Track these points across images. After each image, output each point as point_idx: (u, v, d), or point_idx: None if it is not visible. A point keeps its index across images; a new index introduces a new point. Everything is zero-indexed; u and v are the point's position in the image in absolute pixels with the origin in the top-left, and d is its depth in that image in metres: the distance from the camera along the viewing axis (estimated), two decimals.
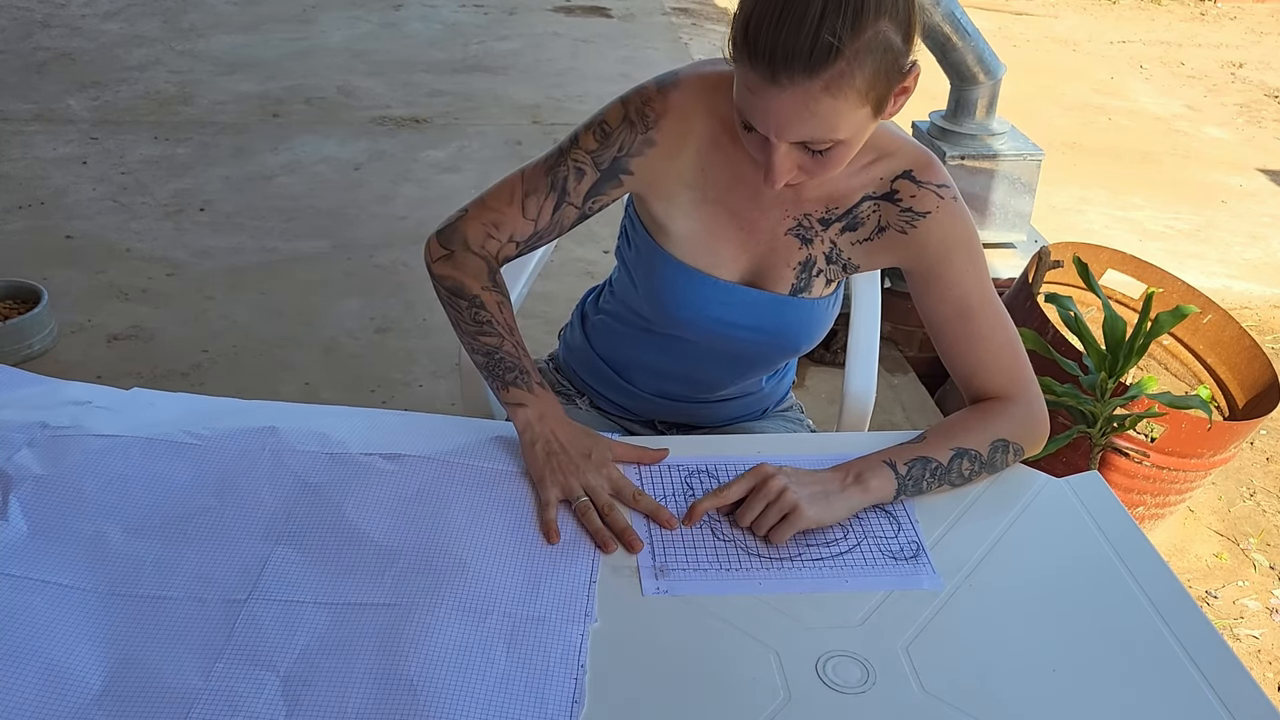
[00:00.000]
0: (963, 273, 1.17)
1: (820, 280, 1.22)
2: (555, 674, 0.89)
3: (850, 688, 0.90)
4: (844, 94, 0.97)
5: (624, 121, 1.16)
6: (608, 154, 1.17)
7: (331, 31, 5.38)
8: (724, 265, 1.21)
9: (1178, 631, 0.97)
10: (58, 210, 3.46)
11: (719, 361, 1.31)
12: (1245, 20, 6.96)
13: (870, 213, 1.18)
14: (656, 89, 1.16)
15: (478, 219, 1.21)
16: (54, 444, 1.12)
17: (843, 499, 1.08)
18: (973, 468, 1.13)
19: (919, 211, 1.16)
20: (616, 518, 1.06)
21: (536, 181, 1.19)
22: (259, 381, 2.65)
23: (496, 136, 4.18)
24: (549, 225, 1.21)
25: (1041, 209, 3.25)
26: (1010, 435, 1.15)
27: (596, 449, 1.12)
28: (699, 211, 1.19)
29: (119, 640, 0.90)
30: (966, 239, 1.17)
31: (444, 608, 0.94)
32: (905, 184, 1.16)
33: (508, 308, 1.20)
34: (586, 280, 2.99)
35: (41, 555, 0.99)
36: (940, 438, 1.14)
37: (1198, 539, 2.46)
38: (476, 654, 0.90)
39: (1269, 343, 3.19)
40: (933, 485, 1.12)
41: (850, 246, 1.20)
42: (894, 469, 1.11)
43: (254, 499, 1.07)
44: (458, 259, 1.20)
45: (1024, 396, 1.18)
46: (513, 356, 1.16)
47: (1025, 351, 1.21)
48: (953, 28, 2.65)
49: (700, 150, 1.17)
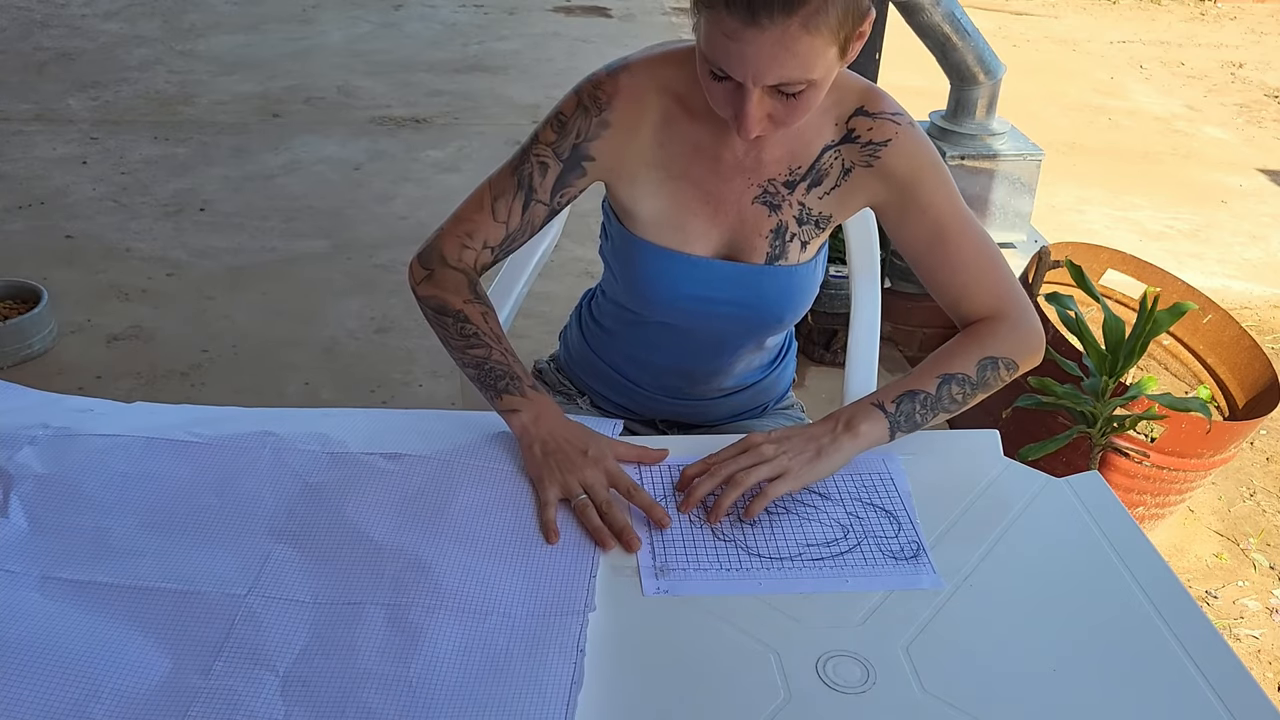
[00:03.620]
0: (934, 194, 1.18)
1: (795, 245, 1.23)
2: (552, 660, 0.89)
3: (850, 688, 0.90)
4: (819, 31, 0.99)
5: (578, 108, 1.19)
6: (567, 143, 1.19)
7: (331, 31, 5.38)
8: (695, 241, 1.22)
9: (1178, 631, 0.97)
10: (58, 210, 3.46)
11: (707, 342, 1.32)
12: (1245, 20, 6.96)
13: (833, 161, 1.19)
14: (606, 73, 1.19)
15: (452, 233, 1.23)
16: (55, 443, 1.12)
17: (835, 449, 1.10)
18: (963, 390, 1.15)
19: (879, 141, 1.17)
20: (615, 515, 1.06)
21: (504, 184, 1.22)
22: (259, 381, 2.65)
23: (496, 136, 4.18)
24: (520, 226, 1.22)
25: (1041, 209, 3.25)
26: (998, 352, 1.17)
27: (594, 445, 1.12)
28: (664, 190, 1.21)
29: (118, 635, 0.90)
30: (932, 160, 1.19)
31: (443, 607, 0.94)
32: (859, 120, 1.18)
33: (492, 317, 1.21)
34: (586, 280, 2.99)
35: (41, 552, 0.99)
36: (926, 369, 1.16)
37: (1198, 539, 2.46)
38: (476, 653, 0.90)
39: (1269, 343, 3.19)
40: (927, 417, 1.14)
41: (819, 201, 1.21)
42: (883, 409, 1.12)
43: (254, 497, 1.07)
44: (437, 277, 1.22)
45: (1014, 312, 1.20)
46: (502, 364, 1.16)
47: (1009, 267, 1.22)
48: (953, 28, 2.65)
49: (656, 126, 1.19)
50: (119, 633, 0.91)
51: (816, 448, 1.10)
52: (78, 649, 0.89)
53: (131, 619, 0.92)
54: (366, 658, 0.89)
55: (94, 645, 0.89)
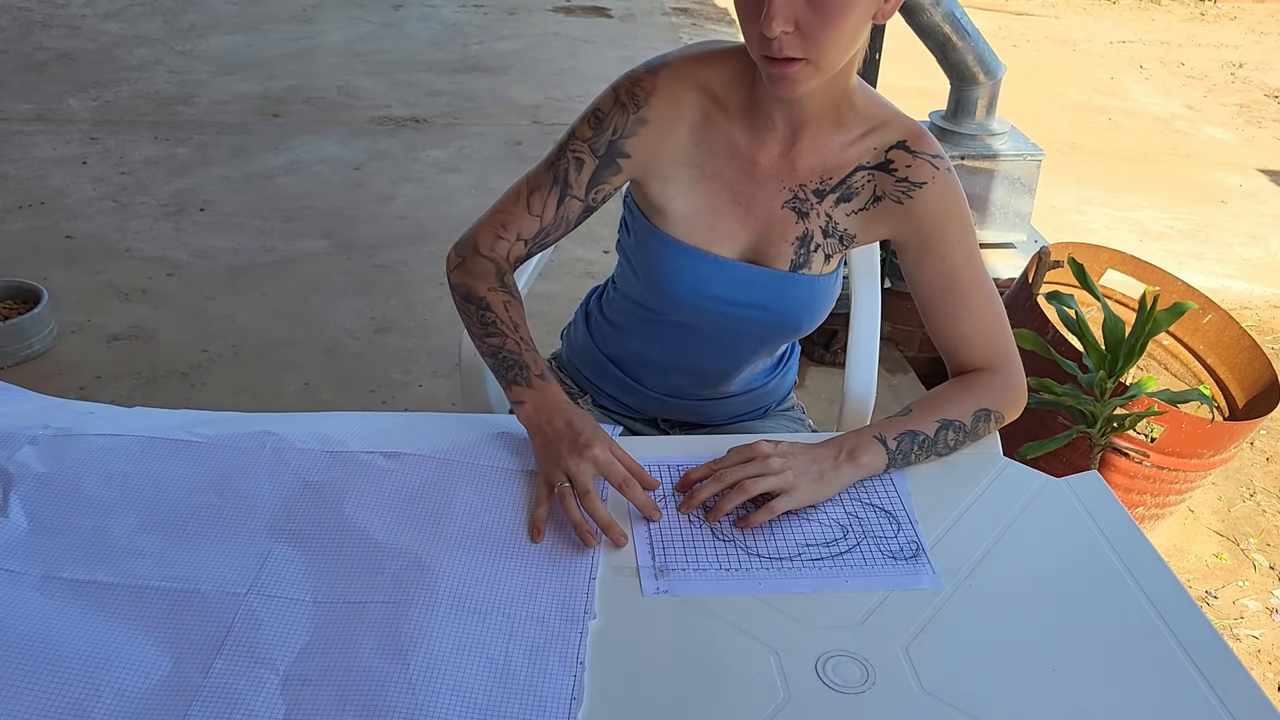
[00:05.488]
0: (956, 245, 1.19)
1: (819, 256, 1.23)
2: (553, 671, 0.89)
3: (850, 688, 0.90)
4: None
5: (616, 105, 1.19)
6: (603, 139, 1.19)
7: (331, 31, 5.39)
8: (723, 242, 1.22)
9: (1178, 631, 0.97)
10: (58, 210, 3.46)
11: (721, 345, 1.31)
12: (1245, 20, 6.96)
13: (865, 183, 1.19)
14: (645, 70, 1.19)
15: (488, 224, 1.24)
16: (55, 443, 1.12)
17: (836, 474, 1.11)
18: (957, 438, 1.17)
19: (915, 182, 1.17)
20: (594, 507, 1.03)
21: (540, 179, 1.22)
22: (259, 381, 2.65)
23: (496, 136, 4.18)
24: (554, 220, 1.23)
25: (1041, 209, 3.25)
26: (992, 405, 1.19)
27: (586, 431, 1.09)
28: (697, 189, 1.21)
29: (119, 634, 0.90)
30: (961, 212, 1.20)
31: (443, 606, 0.94)
32: (900, 154, 1.18)
33: (514, 306, 1.21)
34: (586, 280, 2.99)
35: (41, 551, 0.99)
36: (926, 411, 1.17)
37: (1198, 539, 2.46)
38: (475, 653, 0.90)
39: (1269, 343, 3.19)
40: (920, 457, 1.16)
41: (845, 218, 1.21)
42: (885, 444, 1.13)
43: (254, 496, 1.06)
44: (468, 265, 1.23)
45: (1007, 367, 1.22)
46: (514, 354, 1.16)
47: (1008, 321, 1.24)
48: (953, 28, 2.65)
49: (693, 125, 1.19)
50: (119, 631, 0.91)
51: (819, 470, 1.10)
52: (78, 648, 0.89)
53: (131, 618, 0.92)
54: (366, 656, 0.89)
55: (94, 644, 0.89)
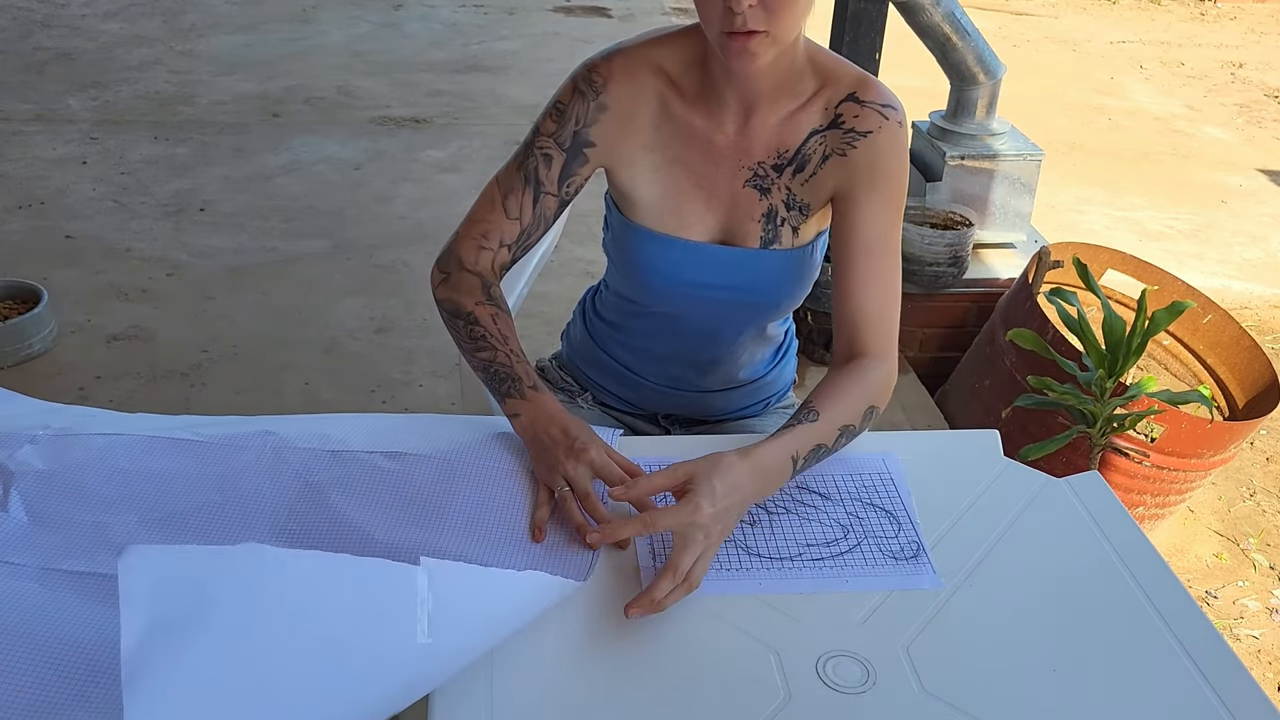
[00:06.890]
0: (885, 206, 1.18)
1: (786, 229, 1.23)
2: None
3: (850, 688, 0.90)
4: None
5: (575, 94, 1.20)
6: (567, 130, 1.20)
7: (331, 31, 5.38)
8: (692, 226, 1.24)
9: (1178, 631, 0.97)
10: (58, 210, 3.46)
11: (706, 329, 1.32)
12: (1245, 20, 6.96)
13: (816, 146, 1.20)
14: (601, 58, 1.21)
15: (467, 236, 1.23)
16: (56, 441, 1.12)
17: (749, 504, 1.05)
18: (845, 439, 1.15)
19: (860, 131, 1.17)
20: (594, 508, 1.04)
21: (511, 181, 1.23)
22: (259, 381, 2.65)
23: (496, 136, 4.18)
24: (534, 220, 1.23)
25: (1041, 209, 3.25)
26: (876, 400, 1.17)
27: (581, 436, 1.09)
28: (660, 175, 1.22)
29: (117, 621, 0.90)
30: (899, 168, 1.19)
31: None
32: (849, 106, 1.18)
33: (503, 318, 1.20)
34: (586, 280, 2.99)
35: (41, 545, 0.99)
36: (831, 416, 1.12)
37: (1198, 539, 2.46)
38: None
39: (1269, 343, 3.19)
40: (812, 464, 1.12)
41: (801, 187, 1.22)
42: (794, 464, 1.08)
43: (255, 495, 1.06)
44: (454, 280, 1.22)
45: (889, 358, 1.20)
46: (505, 366, 1.16)
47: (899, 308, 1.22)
48: (953, 28, 2.65)
49: (652, 109, 1.21)
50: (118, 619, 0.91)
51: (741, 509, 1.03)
52: (77, 634, 0.89)
53: None
54: None
55: (93, 631, 0.90)
